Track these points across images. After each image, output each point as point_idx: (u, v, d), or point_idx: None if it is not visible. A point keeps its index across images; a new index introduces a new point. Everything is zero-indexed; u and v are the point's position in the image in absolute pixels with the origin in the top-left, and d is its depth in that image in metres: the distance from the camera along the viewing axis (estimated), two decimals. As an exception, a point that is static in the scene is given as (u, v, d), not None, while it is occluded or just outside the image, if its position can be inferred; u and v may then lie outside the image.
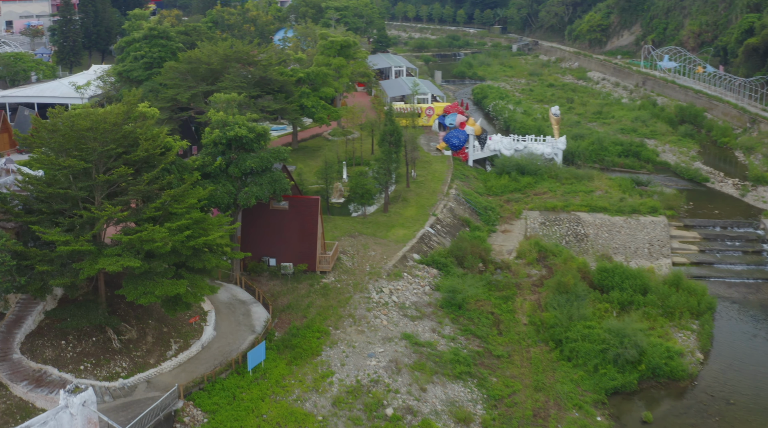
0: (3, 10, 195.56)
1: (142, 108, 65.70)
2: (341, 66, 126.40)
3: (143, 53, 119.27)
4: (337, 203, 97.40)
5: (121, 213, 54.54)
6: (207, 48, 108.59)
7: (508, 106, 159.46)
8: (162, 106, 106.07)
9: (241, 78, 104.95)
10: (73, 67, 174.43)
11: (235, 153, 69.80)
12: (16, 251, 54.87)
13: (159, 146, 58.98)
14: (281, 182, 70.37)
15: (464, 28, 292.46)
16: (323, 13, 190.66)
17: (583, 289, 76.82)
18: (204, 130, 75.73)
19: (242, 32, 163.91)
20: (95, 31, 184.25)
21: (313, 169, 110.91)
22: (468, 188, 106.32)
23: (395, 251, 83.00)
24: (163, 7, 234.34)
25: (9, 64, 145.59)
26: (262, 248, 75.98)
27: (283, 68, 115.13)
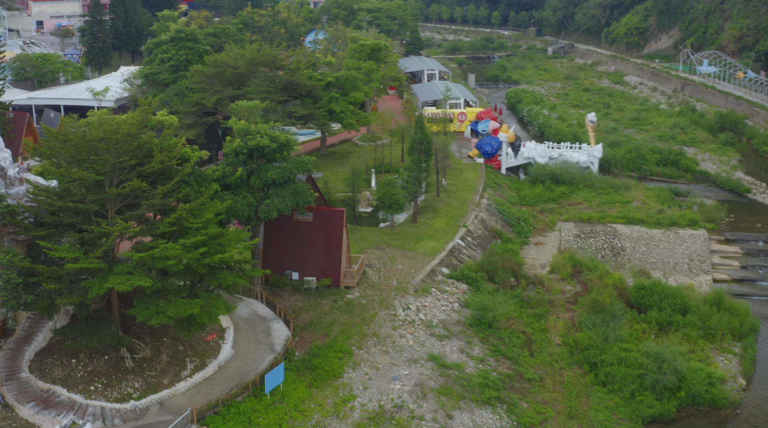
0: (34, 10, 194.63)
1: (161, 116, 63.10)
2: (372, 70, 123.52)
3: (170, 56, 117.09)
4: (365, 212, 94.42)
5: (133, 228, 51.78)
6: (234, 51, 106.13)
7: (543, 111, 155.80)
8: (187, 110, 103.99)
9: (268, 82, 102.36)
10: (102, 69, 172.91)
11: (256, 163, 67.02)
12: (23, 268, 52.40)
13: (175, 158, 56.30)
14: (304, 194, 67.48)
15: (499, 30, 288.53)
16: (355, 14, 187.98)
17: (619, 308, 73.23)
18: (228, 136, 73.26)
19: (272, 34, 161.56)
20: (125, 31, 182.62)
21: (341, 176, 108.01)
22: (500, 198, 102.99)
23: (423, 265, 79.91)
24: (195, 7, 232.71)
25: (37, 66, 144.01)
26: (285, 261, 73.18)
27: (312, 72, 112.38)
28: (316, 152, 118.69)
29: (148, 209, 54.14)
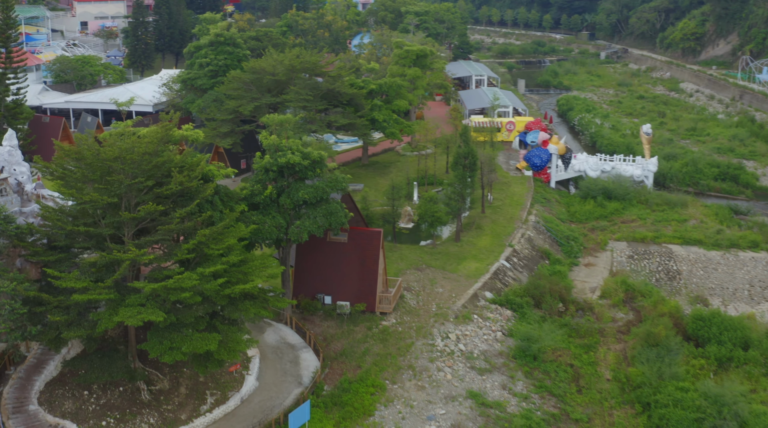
0: (78, 11, 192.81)
1: (185, 131, 59.19)
2: (417, 77, 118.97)
3: (208, 60, 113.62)
4: (405, 228, 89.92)
5: (147, 256, 47.71)
6: (272, 58, 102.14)
7: (595, 120, 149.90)
8: (224, 118, 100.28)
9: (307, 90, 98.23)
10: (145, 71, 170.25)
11: (287, 181, 62.81)
12: (29, 297, 48.69)
13: (196, 178, 52.23)
14: (338, 215, 63.12)
15: (550, 33, 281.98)
16: (402, 18, 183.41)
17: (675, 342, 67.75)
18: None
19: (316, 38, 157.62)
20: (168, 33, 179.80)
21: (382, 188, 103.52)
22: (549, 214, 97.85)
23: (465, 288, 75.19)
24: (241, 9, 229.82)
25: (76, 68, 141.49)
26: (317, 284, 68.93)
27: (354, 79, 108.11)
28: (357, 162, 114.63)
29: (164, 235, 50.09)
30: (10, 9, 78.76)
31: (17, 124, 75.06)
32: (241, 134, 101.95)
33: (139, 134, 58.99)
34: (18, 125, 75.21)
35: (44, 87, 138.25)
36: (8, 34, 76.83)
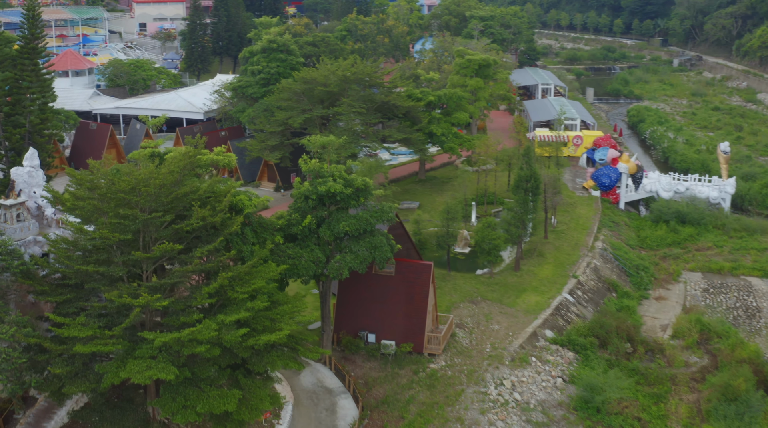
0: (137, 12, 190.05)
1: (215, 155, 53.89)
2: (478, 88, 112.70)
3: (260, 68, 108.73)
4: (461, 254, 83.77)
5: (161, 303, 42.28)
6: (325, 67, 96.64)
7: (668, 133, 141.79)
8: (273, 130, 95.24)
9: (360, 102, 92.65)
10: (201, 75, 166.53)
11: (328, 211, 57.14)
12: (30, 344, 43.73)
13: (222, 212, 46.77)
14: (383, 250, 57.25)
15: (621, 39, 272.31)
16: (467, 22, 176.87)
17: (756, 398, 60.52)
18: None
19: (375, 44, 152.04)
20: (226, 36, 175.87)
21: (439, 206, 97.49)
22: (617, 240, 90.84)
23: (524, 326, 68.83)
24: (303, 11, 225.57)
25: (129, 73, 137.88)
26: (360, 320, 63.21)
27: (412, 90, 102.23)
28: (413, 177, 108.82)
29: (181, 277, 44.70)
30: (36, 19, 73.77)
31: (42, 140, 70.22)
32: (290, 147, 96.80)
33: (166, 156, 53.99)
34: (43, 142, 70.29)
35: (95, 92, 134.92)
36: (33, 46, 71.86)
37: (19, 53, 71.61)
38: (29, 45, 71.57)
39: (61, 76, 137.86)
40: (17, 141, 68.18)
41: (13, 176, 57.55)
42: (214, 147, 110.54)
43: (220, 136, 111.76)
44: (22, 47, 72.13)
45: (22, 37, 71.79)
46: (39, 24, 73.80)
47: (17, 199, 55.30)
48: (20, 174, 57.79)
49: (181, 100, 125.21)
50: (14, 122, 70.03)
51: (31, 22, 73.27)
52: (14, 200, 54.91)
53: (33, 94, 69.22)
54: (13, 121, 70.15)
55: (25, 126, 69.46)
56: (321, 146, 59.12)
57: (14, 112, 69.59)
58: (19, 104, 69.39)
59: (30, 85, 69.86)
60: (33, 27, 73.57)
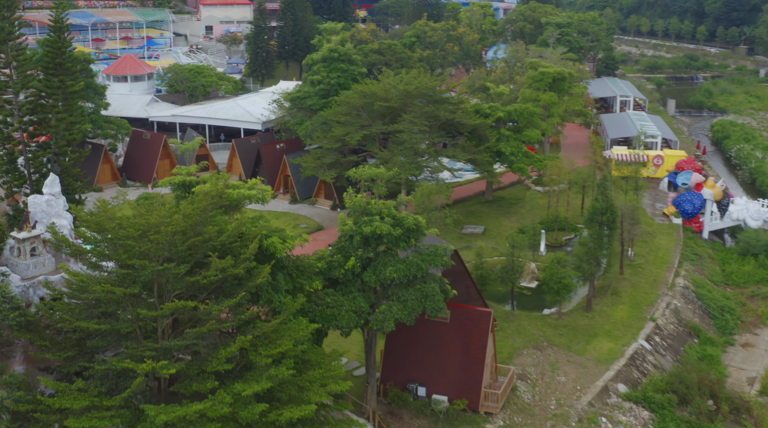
0: (203, 15, 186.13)
1: (248, 190, 47.88)
2: (552, 103, 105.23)
3: (320, 78, 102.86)
4: (527, 288, 76.62)
5: (167, 370, 36.38)
6: (386, 81, 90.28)
7: (755, 152, 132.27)
8: (330, 146, 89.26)
9: (423, 119, 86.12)
10: (265, 80, 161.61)
11: (374, 252, 50.77)
12: (18, 412, 38.22)
13: (247, 260, 40.71)
14: (434, 300, 50.62)
15: (704, 46, 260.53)
16: (542, 29, 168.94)
17: None
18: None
19: (445, 52, 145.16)
20: (292, 41, 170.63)
21: (506, 230, 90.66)
22: (700, 275, 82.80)
23: (594, 378, 61.63)
24: (374, 14, 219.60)
25: (188, 79, 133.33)
26: (409, 370, 56.70)
27: (479, 104, 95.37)
28: (479, 197, 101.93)
29: (194, 339, 38.72)
30: (63, 30, 67.91)
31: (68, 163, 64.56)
32: (348, 165, 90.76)
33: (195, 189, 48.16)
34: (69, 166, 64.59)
35: (153, 98, 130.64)
36: (60, 60, 66.19)
37: (44, 68, 66.13)
38: (55, 60, 65.69)
39: (119, 81, 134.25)
40: (40, 164, 62.83)
41: (30, 205, 52.35)
42: (269, 160, 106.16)
43: (277, 148, 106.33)
44: (47, 62, 66.20)
45: (48, 51, 65.95)
46: (66, 35, 67.78)
47: (31, 232, 49.96)
48: (38, 203, 52.56)
49: (239, 109, 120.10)
50: (38, 145, 64.71)
51: (58, 34, 67.43)
52: (28, 233, 49.60)
53: (58, 113, 63.47)
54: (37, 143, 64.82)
55: (50, 148, 64.03)
56: (369, 179, 52.74)
57: (38, 132, 64.22)
58: (44, 125, 63.97)
59: (55, 105, 64.08)
60: (59, 39, 67.60)
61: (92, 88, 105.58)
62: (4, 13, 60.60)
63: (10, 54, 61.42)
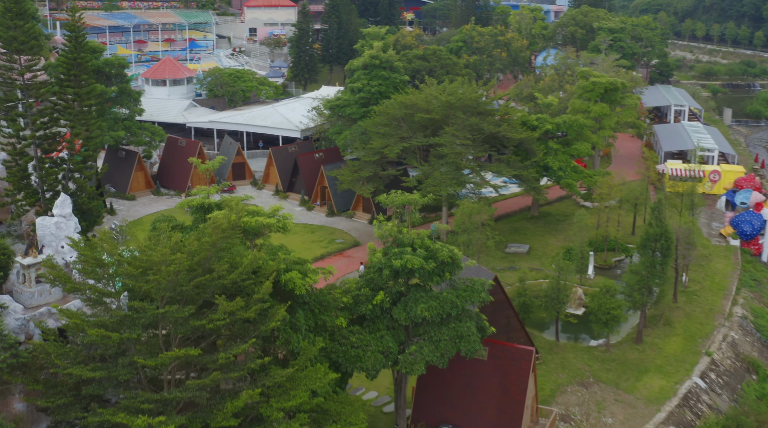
0: (247, 17, 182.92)
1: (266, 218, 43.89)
2: (603, 115, 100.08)
3: (360, 86, 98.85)
4: (573, 316, 71.87)
5: (168, 425, 32.53)
6: (427, 91, 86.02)
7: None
8: (368, 159, 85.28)
9: (465, 132, 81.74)
10: (308, 85, 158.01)
11: (405, 285, 46.57)
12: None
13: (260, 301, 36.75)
14: (470, 341, 46.31)
15: (761, 52, 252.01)
16: (594, 34, 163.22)
17: None
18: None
19: (492, 59, 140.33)
20: (336, 44, 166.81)
21: (552, 249, 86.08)
22: (759, 304, 77.48)
23: (643, 421, 57.00)
24: (421, 17, 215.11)
25: (227, 83, 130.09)
26: (443, 410, 52.38)
27: (526, 115, 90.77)
28: (525, 212, 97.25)
29: (197, 391, 34.83)
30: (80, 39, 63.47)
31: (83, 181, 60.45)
32: (386, 179, 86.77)
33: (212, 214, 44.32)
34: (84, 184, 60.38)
35: (191, 103, 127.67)
36: (74, 73, 62.25)
37: (59, 81, 62.15)
38: (70, 71, 61.77)
39: (158, 85, 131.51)
40: (54, 182, 58.97)
41: (38, 228, 48.94)
42: (307, 170, 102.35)
43: (315, 158, 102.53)
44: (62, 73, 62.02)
45: (62, 61, 61.84)
46: (83, 43, 63.55)
47: (37, 257, 46.51)
48: (46, 225, 49.21)
49: (277, 116, 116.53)
50: (52, 161, 61.02)
51: (74, 43, 63.33)
52: (33, 259, 46.17)
53: (73, 127, 59.59)
54: (51, 159, 61.13)
55: (65, 164, 60.20)
56: (401, 205, 48.56)
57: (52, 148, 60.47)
58: (57, 140, 60.18)
59: (71, 119, 60.13)
60: (75, 50, 63.60)
61: (127, 93, 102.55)
62: (17, 21, 57.17)
63: (24, 66, 57.89)
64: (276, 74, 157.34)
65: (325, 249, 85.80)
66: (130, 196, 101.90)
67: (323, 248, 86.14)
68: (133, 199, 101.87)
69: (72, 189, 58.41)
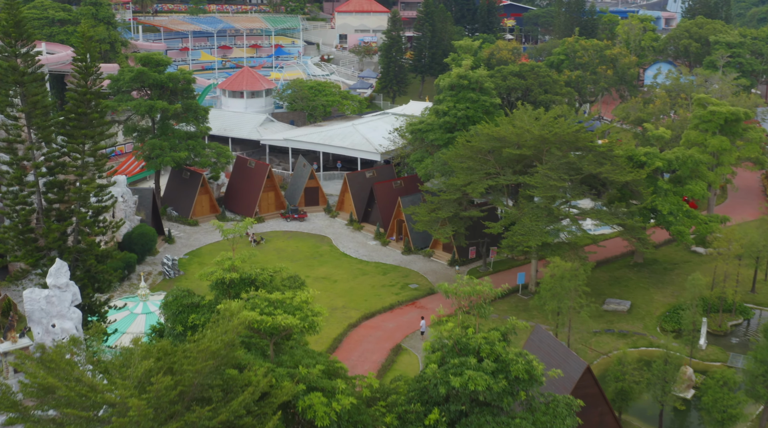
0: (337, 23, 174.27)
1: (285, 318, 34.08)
2: (723, 150, 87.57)
3: (445, 108, 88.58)
4: (681, 401, 60.14)
5: None
6: (516, 123, 75.17)
7: None
8: (448, 197, 75.12)
9: (561, 172, 70.80)
10: (396, 98, 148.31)
11: (467, 403, 36.23)
12: None
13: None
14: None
15: None
16: (710, 48, 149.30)
17: None
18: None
19: (596, 76, 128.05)
20: (429, 54, 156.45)
21: (659, 307, 74.69)
22: None
23: None
24: (522, 24, 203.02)
25: (307, 97, 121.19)
26: None
27: (633, 149, 79.24)
28: (627, 258, 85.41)
29: None
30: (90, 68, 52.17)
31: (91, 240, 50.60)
32: (468, 220, 76.42)
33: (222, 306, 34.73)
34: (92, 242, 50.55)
35: (268, 117, 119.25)
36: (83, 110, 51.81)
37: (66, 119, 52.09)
38: (78, 110, 51.53)
39: (235, 97, 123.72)
40: (54, 240, 49.39)
41: (26, 302, 40.18)
42: (383, 199, 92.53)
43: (393, 187, 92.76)
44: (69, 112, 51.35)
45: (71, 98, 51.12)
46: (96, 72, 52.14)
47: (17, 342, 37.75)
48: (35, 299, 40.37)
49: (357, 136, 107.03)
50: (57, 214, 51.59)
51: (82, 76, 52.29)
52: (12, 344, 37.44)
53: (81, 175, 49.99)
54: (56, 212, 51.63)
55: (71, 218, 50.70)
56: (467, 297, 38.12)
57: (58, 199, 50.85)
58: (63, 189, 50.77)
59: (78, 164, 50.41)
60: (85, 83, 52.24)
61: (193, 109, 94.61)
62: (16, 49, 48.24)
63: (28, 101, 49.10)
64: (363, 85, 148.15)
65: (396, 297, 76.02)
66: (192, 221, 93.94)
67: (394, 295, 76.38)
68: (196, 225, 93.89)
69: (71, 257, 48.72)
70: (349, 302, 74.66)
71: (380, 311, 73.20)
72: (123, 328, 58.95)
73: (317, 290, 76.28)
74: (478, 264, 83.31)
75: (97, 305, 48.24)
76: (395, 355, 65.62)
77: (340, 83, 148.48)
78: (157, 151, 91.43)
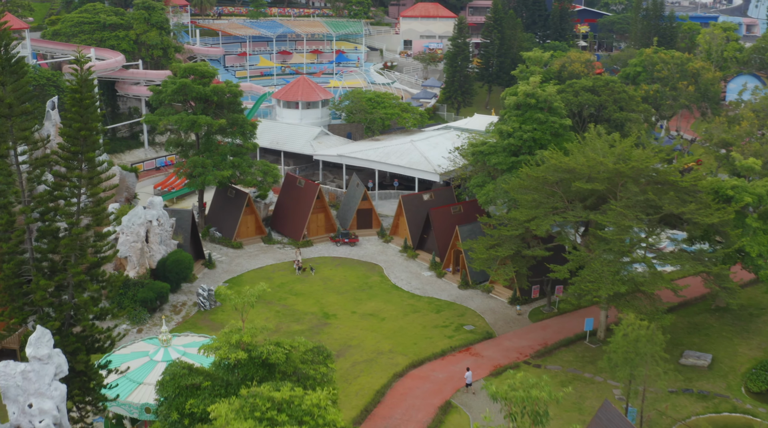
0: (402, 28, 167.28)
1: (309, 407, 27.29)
2: (819, 182, 78.48)
3: (510, 129, 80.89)
4: (773, 485, 52.18)
5: None
6: (587, 153, 67.25)
7: None
8: (509, 233, 67.72)
9: (637, 210, 62.82)
10: (461, 109, 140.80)
11: None
12: None
13: None
14: None
15: None
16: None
17: None
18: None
19: (677, 92, 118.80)
20: (498, 62, 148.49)
21: (743, 360, 66.30)
22: None
23: None
24: (596, 30, 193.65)
25: (364, 109, 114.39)
26: None
27: (719, 183, 70.79)
28: (706, 302, 76.82)
29: None
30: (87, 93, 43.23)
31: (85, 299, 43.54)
32: (531, 259, 68.86)
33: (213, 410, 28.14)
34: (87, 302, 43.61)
35: (322, 130, 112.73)
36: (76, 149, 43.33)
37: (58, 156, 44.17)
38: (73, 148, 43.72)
39: (289, 107, 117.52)
40: (45, 298, 41.81)
41: None
42: (440, 226, 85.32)
43: (451, 213, 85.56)
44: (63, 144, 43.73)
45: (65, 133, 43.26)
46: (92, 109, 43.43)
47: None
48: (9, 374, 34.13)
49: (415, 154, 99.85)
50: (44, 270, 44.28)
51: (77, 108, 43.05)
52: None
53: (75, 224, 42.67)
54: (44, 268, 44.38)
55: (64, 273, 43.51)
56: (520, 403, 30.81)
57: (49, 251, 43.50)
58: (54, 237, 43.20)
59: (71, 211, 42.98)
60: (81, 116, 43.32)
61: (239, 124, 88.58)
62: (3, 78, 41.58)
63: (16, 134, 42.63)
64: (427, 95, 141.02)
65: (448, 340, 68.77)
66: (236, 244, 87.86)
67: (447, 338, 69.18)
68: (239, 247, 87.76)
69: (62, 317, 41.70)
70: (397, 346, 67.66)
71: (430, 357, 66.04)
72: (140, 378, 53.05)
73: (363, 329, 70.01)
74: (541, 304, 75.72)
75: (93, 372, 41.81)
76: (443, 414, 58.42)
77: (402, 92, 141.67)
78: (199, 169, 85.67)
